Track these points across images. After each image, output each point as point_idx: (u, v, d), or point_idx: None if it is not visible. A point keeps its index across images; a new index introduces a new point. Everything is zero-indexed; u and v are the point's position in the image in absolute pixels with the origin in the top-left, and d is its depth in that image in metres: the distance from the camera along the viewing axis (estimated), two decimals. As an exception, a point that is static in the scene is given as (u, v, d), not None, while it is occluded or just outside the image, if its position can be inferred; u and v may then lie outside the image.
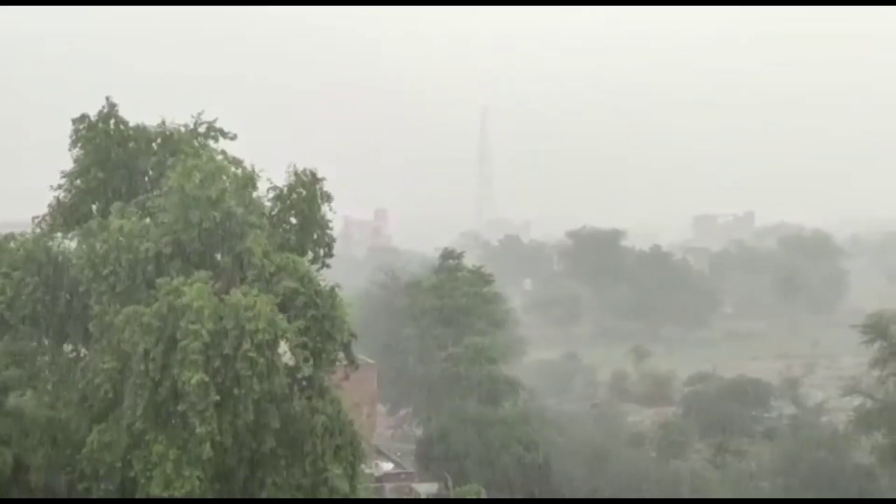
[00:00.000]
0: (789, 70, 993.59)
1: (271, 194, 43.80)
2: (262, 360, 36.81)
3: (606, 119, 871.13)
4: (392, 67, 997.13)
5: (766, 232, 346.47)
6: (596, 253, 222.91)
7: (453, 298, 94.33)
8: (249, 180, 43.00)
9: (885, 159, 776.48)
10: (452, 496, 67.39)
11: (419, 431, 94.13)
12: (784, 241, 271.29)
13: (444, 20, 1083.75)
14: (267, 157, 45.95)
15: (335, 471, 39.64)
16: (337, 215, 46.11)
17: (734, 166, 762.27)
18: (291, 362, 39.21)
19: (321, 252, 44.38)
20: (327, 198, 43.99)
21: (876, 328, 73.06)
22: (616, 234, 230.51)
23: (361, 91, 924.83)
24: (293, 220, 44.05)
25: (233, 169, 42.83)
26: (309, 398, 40.08)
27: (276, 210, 43.84)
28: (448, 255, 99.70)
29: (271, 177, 43.85)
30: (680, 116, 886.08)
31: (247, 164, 43.79)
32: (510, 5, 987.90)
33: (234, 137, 46.07)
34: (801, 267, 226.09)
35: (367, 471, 54.47)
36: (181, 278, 38.44)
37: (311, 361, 39.14)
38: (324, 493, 39.32)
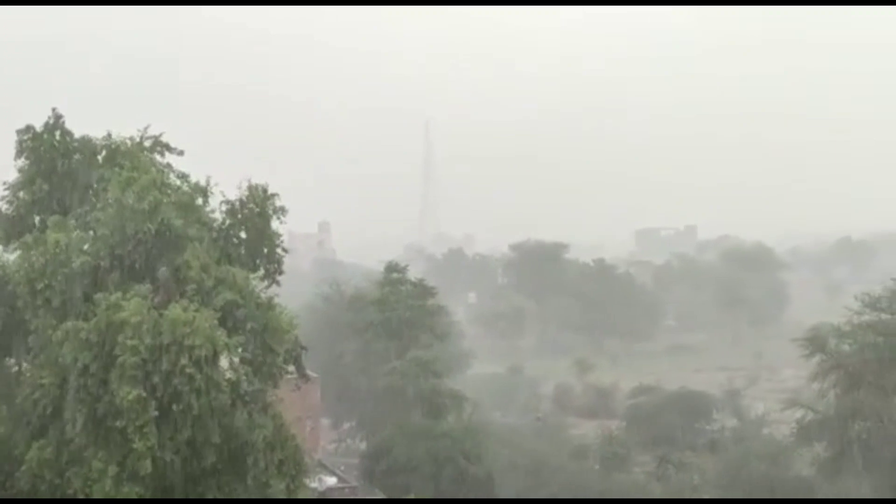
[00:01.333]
0: (734, 83, 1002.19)
1: (224, 208, 43.58)
2: (199, 376, 36.51)
3: (551, 132, 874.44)
4: (334, 80, 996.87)
5: (708, 245, 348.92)
6: (540, 266, 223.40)
7: (397, 311, 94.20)
8: (200, 193, 42.76)
9: (825, 173, 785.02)
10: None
11: (363, 445, 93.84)
12: (726, 254, 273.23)
13: (386, 29, 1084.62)
14: (211, 168, 45.71)
15: (278, 486, 39.38)
16: (284, 229, 45.98)
17: (678, 180, 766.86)
18: (233, 377, 38.93)
19: (272, 268, 44.23)
20: (280, 212, 43.88)
21: (815, 342, 73.66)
22: (560, 248, 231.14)
23: (304, 104, 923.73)
24: (243, 235, 43.86)
25: (177, 182, 42.55)
26: (250, 413, 39.80)
27: (227, 224, 43.62)
28: (392, 268, 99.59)
29: (225, 191, 43.70)
30: (626, 129, 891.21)
31: (202, 177, 43.61)
32: (475, 5, 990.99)
33: (181, 153, 45.72)
34: (742, 280, 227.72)
35: (311, 485, 54.15)
36: (119, 293, 38.09)
37: (253, 375, 38.90)
38: (265, 510, 39.05)
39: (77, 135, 45.55)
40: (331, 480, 76.67)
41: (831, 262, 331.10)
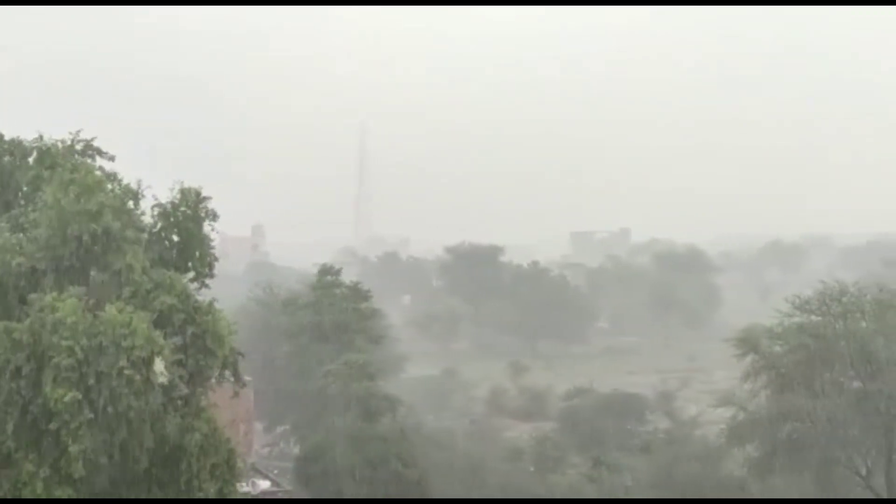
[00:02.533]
0: (664, 88, 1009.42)
1: (156, 210, 43.39)
2: (138, 378, 36.31)
3: (485, 135, 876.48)
4: (270, 82, 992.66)
5: (641, 248, 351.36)
6: (474, 269, 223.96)
7: (331, 315, 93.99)
8: (131, 195, 42.57)
9: (755, 176, 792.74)
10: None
11: (297, 449, 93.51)
12: (659, 256, 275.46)
13: (320, 30, 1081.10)
14: (143, 170, 45.52)
15: (210, 490, 39.24)
16: (217, 233, 45.83)
17: (611, 182, 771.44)
18: (166, 379, 38.73)
19: (203, 270, 44.04)
20: (212, 216, 43.74)
21: (747, 342, 74.37)
22: (495, 250, 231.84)
23: (238, 105, 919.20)
24: (175, 238, 43.68)
25: (110, 185, 42.33)
26: (184, 416, 39.64)
27: (159, 226, 43.43)
28: (326, 271, 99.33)
29: (157, 194, 43.53)
30: (560, 132, 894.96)
31: (133, 179, 43.42)
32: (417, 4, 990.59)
33: (112, 158, 45.43)
34: (675, 282, 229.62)
35: (244, 489, 53.98)
36: (54, 294, 37.80)
37: (188, 379, 38.77)
38: (198, 513, 38.91)
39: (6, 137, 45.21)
40: (264, 484, 76.41)
41: (762, 265, 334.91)
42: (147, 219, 43.39)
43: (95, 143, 45.57)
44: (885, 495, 69.50)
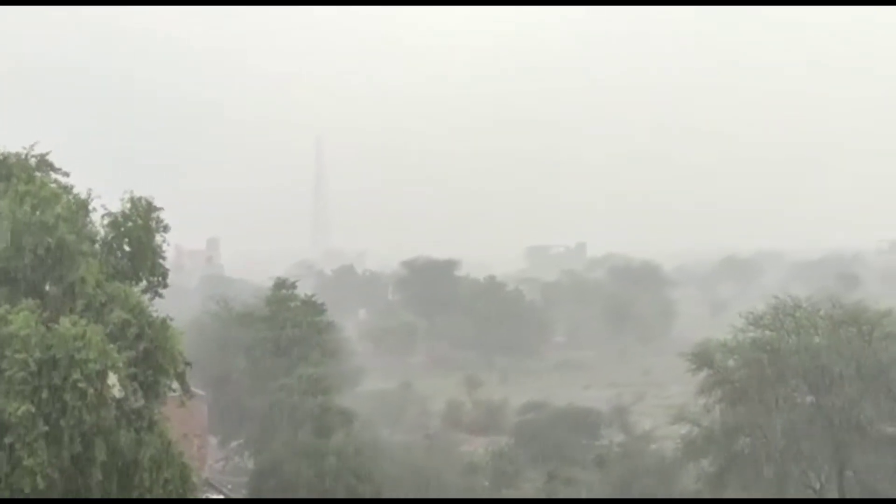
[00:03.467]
0: (616, 100, 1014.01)
1: (106, 220, 43.12)
2: (91, 391, 36.05)
3: (443, 148, 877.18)
4: (225, 93, 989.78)
5: (596, 263, 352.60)
6: (430, 283, 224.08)
7: (286, 329, 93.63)
8: (82, 207, 42.29)
9: (711, 192, 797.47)
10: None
11: (251, 463, 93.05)
12: (614, 271, 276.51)
13: (275, 41, 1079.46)
14: (95, 181, 45.21)
15: (165, 504, 39.00)
16: (169, 244, 45.58)
17: (567, 198, 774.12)
18: (120, 394, 38.50)
19: (155, 281, 43.81)
20: (164, 227, 43.53)
21: (702, 357, 74.54)
22: (451, 264, 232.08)
23: (193, 116, 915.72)
24: (127, 248, 43.42)
25: (64, 197, 42.05)
26: (137, 430, 39.38)
27: (110, 237, 43.17)
28: (281, 284, 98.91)
29: (107, 204, 43.28)
30: (519, 145, 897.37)
31: (82, 189, 43.14)
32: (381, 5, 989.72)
33: (66, 174, 45.04)
34: (630, 297, 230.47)
35: (198, 504, 53.57)
36: (7, 306, 37.51)
37: (141, 393, 38.55)
38: (152, 528, 38.62)
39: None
40: (218, 499, 75.98)
41: (717, 280, 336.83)
42: (98, 229, 43.10)
43: (50, 158, 45.18)
44: (837, 510, 69.91)
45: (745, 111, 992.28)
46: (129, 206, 43.15)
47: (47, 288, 40.12)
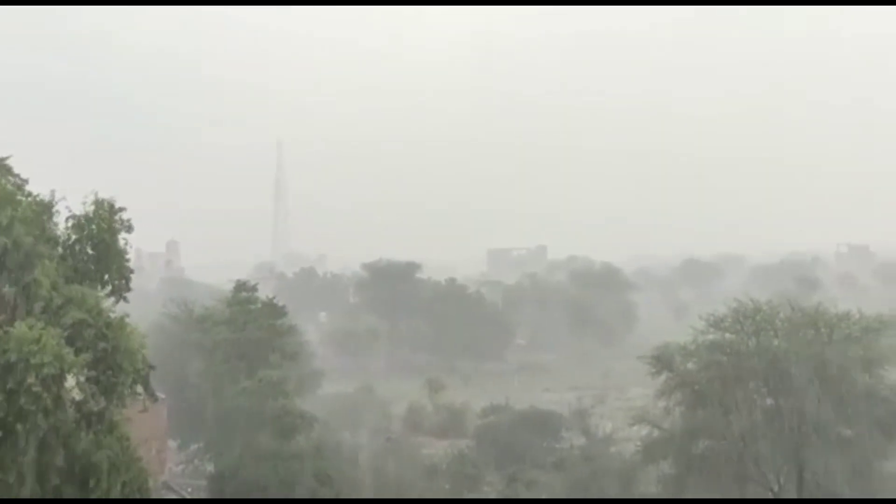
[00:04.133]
0: (578, 105, 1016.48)
1: (70, 223, 42.81)
2: (47, 395, 35.72)
3: (404, 153, 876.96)
4: (185, 94, 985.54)
5: (558, 265, 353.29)
6: (392, 286, 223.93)
7: (246, 331, 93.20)
8: (46, 209, 41.95)
9: (671, 197, 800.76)
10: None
11: (211, 467, 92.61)
12: (575, 274, 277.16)
13: (238, 41, 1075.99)
14: (56, 183, 44.90)
15: (122, 508, 38.70)
16: (132, 246, 45.31)
17: (528, 201, 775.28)
18: (79, 397, 38.19)
19: (119, 284, 43.51)
20: (128, 228, 43.23)
21: (662, 359, 74.84)
22: (412, 267, 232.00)
23: (153, 118, 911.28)
24: (90, 251, 43.11)
25: (23, 198, 41.68)
26: (95, 433, 39.06)
27: (73, 239, 42.84)
28: (241, 287, 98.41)
29: (70, 206, 42.95)
30: (478, 152, 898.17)
31: (45, 191, 42.80)
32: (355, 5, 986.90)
33: (25, 181, 44.63)
34: (591, 300, 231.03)
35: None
36: (-39, 310, 37.20)
37: (100, 396, 38.22)
38: (109, 531, 38.31)
39: None
40: (178, 502, 75.68)
41: (677, 283, 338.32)
42: (62, 231, 42.78)
43: (8, 163, 44.79)
44: (796, 511, 70.28)
45: (707, 120, 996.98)
46: (92, 207, 42.86)
47: (3, 290, 39.72)
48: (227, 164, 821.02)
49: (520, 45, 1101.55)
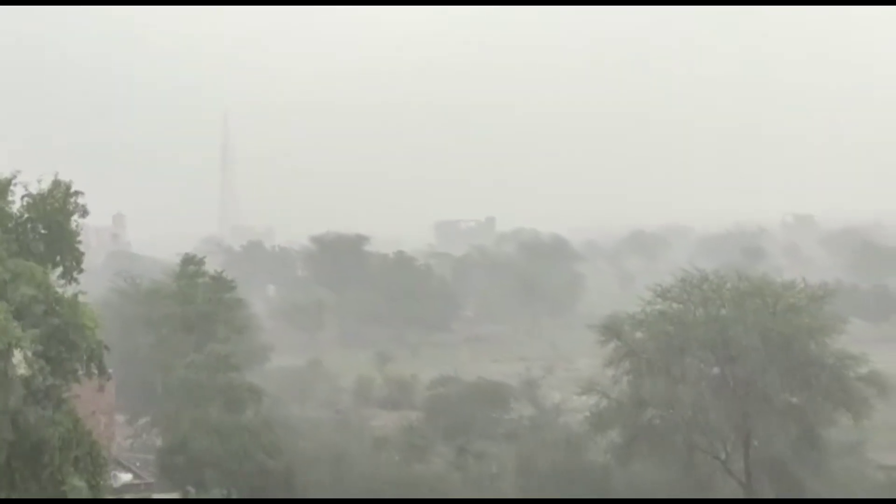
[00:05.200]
0: (522, 79, 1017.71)
1: (25, 201, 42.52)
2: (-7, 371, 35.54)
3: (350, 126, 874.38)
4: (133, 68, 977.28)
5: (506, 237, 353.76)
6: (340, 258, 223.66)
7: (194, 305, 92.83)
8: (3, 188, 41.70)
9: (619, 166, 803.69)
10: (195, 506, 66.44)
11: (160, 441, 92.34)
12: (523, 246, 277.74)
13: (190, 20, 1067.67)
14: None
15: (75, 483, 38.54)
16: (83, 228, 45.12)
17: (476, 173, 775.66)
18: (27, 372, 37.94)
19: (71, 264, 43.30)
20: (82, 211, 43.00)
21: (610, 329, 75.31)
22: (360, 240, 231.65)
23: (101, 93, 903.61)
24: (43, 231, 42.85)
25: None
26: (45, 409, 38.87)
27: (25, 218, 42.55)
28: (189, 260, 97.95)
29: (26, 183, 42.69)
30: (423, 122, 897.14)
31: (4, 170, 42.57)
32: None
33: None
34: (540, 271, 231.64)
35: (106, 482, 53.10)
36: None
37: (51, 371, 38.03)
38: (63, 507, 38.19)
39: None
40: (126, 477, 75.44)
41: (625, 254, 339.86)
42: (17, 210, 42.52)
43: None
44: (743, 480, 70.97)
45: (655, 88, 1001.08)
46: (47, 188, 42.62)
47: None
48: (173, 133, 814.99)
49: (470, 16, 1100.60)
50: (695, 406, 70.33)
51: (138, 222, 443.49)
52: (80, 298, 39.94)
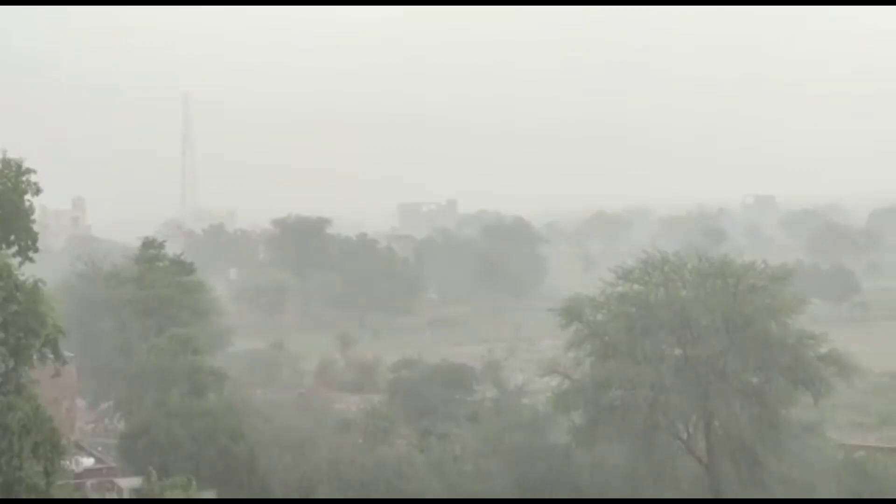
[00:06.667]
0: (483, 61, 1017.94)
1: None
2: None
3: (309, 110, 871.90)
4: (97, 58, 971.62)
5: (468, 220, 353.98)
6: (302, 241, 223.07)
7: (155, 289, 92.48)
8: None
9: (577, 149, 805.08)
10: (157, 490, 66.13)
11: (122, 425, 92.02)
12: (486, 228, 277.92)
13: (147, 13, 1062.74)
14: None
15: (33, 468, 38.33)
16: (35, 207, 44.70)
17: (437, 154, 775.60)
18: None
19: (25, 244, 42.93)
20: (35, 190, 42.63)
21: (572, 311, 75.35)
22: (322, 223, 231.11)
23: (54, 75, 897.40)
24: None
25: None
26: (5, 394, 38.62)
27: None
28: (149, 244, 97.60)
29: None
30: (386, 105, 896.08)
31: None
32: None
33: None
34: (502, 253, 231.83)
35: (68, 467, 52.86)
36: None
37: (10, 357, 37.78)
38: (20, 492, 37.94)
39: None
40: (88, 461, 75.10)
41: (586, 236, 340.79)
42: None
43: None
44: (705, 460, 71.32)
45: (613, 71, 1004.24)
46: (-1, 168, 42.25)
47: None
48: (131, 115, 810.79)
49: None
50: (656, 387, 70.41)
51: (99, 205, 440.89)
52: (39, 285, 39.61)
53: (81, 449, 78.00)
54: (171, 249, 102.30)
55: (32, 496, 38.18)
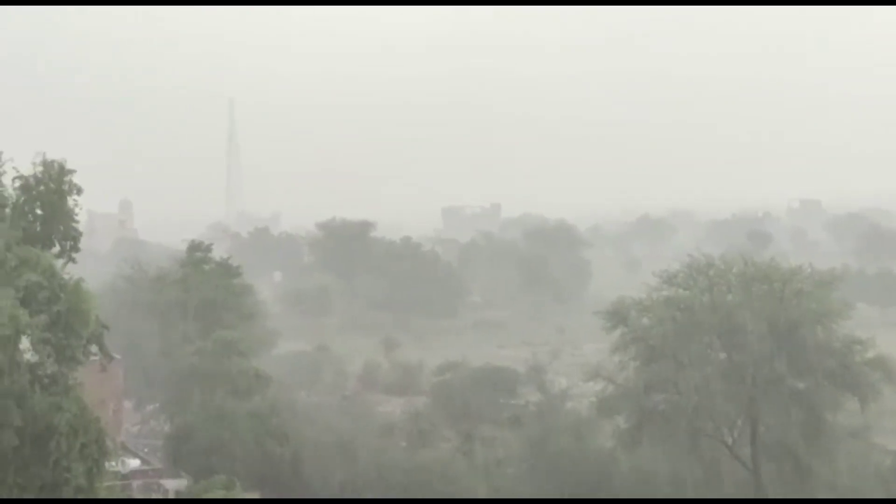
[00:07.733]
0: (532, 69, 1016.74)
1: (17, 184, 42.36)
2: (1, 356, 35.48)
3: (358, 113, 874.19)
4: (143, 63, 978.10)
5: (511, 223, 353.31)
6: (346, 244, 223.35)
7: (201, 292, 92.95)
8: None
9: (623, 154, 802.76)
10: (201, 491, 66.43)
11: (167, 427, 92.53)
12: (529, 232, 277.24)
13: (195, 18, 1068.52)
14: (11, 147, 44.47)
15: (79, 469, 38.55)
16: (82, 208, 44.91)
17: (483, 158, 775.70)
18: (33, 358, 37.92)
19: (67, 245, 43.16)
20: (77, 190, 42.82)
21: (617, 315, 75.14)
22: (366, 226, 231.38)
23: (108, 81, 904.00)
24: (39, 212, 42.71)
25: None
26: (52, 395, 38.88)
27: (22, 200, 42.40)
28: (195, 247, 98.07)
29: (18, 167, 42.50)
30: (430, 108, 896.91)
31: None
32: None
33: None
34: (545, 257, 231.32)
35: (114, 468, 53.18)
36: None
37: (55, 357, 37.97)
38: (67, 493, 38.17)
39: None
40: (134, 463, 75.55)
41: (630, 240, 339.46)
42: (9, 192, 42.34)
43: None
44: (750, 465, 70.94)
45: (658, 76, 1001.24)
46: (41, 169, 42.43)
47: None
48: (177, 119, 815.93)
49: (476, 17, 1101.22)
50: (701, 391, 70.14)
51: (145, 207, 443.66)
52: (81, 283, 39.82)
53: (128, 450, 78.54)
54: (217, 252, 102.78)
55: (80, 497, 38.40)
